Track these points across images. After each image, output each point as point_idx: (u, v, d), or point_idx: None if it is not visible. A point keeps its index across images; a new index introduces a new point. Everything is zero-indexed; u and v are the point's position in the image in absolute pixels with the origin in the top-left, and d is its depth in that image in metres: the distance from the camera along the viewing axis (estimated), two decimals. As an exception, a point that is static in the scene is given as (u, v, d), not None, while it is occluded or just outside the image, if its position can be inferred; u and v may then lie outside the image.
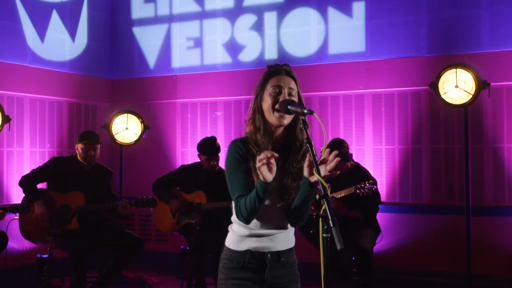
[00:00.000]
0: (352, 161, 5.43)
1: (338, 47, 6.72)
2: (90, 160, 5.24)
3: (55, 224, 4.62)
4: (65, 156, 5.45)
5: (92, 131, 5.47)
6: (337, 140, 5.44)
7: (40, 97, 6.83)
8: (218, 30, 7.30)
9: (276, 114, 2.51)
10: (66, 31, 7.21)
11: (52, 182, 5.22)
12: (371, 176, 5.36)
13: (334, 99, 6.71)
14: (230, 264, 2.59)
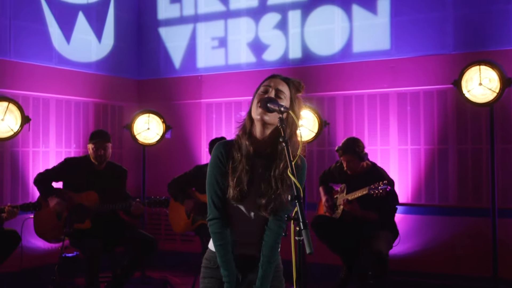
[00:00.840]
0: (368, 161, 5.30)
1: (363, 45, 6.58)
2: (101, 160, 5.25)
3: (66, 224, 4.64)
4: (79, 157, 5.49)
5: (102, 130, 5.49)
6: (352, 139, 5.33)
7: (66, 97, 6.91)
8: (243, 29, 7.26)
9: (258, 110, 2.47)
10: (93, 32, 7.28)
11: (67, 182, 5.27)
12: (388, 176, 5.22)
13: (358, 99, 6.58)
14: (208, 264, 2.63)
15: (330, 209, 5.42)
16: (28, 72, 6.49)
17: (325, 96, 6.74)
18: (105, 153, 5.27)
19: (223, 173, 2.51)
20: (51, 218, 5.06)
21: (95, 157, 5.23)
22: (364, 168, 5.23)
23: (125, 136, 7.23)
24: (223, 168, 2.51)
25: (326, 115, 6.64)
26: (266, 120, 2.47)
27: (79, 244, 4.99)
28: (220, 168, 2.52)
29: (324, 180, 5.70)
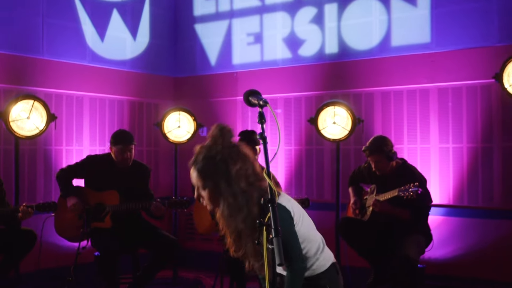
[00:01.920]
0: (398, 159, 5.00)
1: (402, 39, 6.28)
2: (126, 163, 5.15)
3: (85, 222, 4.56)
4: (101, 154, 5.40)
5: (125, 131, 5.36)
6: (379, 138, 5.04)
7: (100, 95, 6.88)
8: (278, 24, 7.06)
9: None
10: (127, 29, 7.23)
11: (88, 180, 5.20)
12: (419, 174, 4.90)
13: (397, 94, 6.28)
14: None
15: (358, 211, 5.15)
16: (61, 70, 6.49)
17: (362, 92, 6.47)
18: (131, 156, 5.16)
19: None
20: (71, 217, 5.00)
21: (121, 160, 5.12)
22: (394, 167, 4.93)
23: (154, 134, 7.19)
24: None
25: (363, 112, 6.38)
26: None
27: (98, 243, 4.91)
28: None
29: (354, 181, 5.43)
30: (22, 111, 5.21)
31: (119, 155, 5.11)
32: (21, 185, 5.97)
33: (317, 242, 2.61)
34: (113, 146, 5.14)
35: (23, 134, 5.19)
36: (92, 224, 4.85)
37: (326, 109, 5.67)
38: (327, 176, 6.63)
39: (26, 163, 6.12)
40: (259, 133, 2.11)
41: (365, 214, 5.10)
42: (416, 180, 4.67)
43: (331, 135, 5.68)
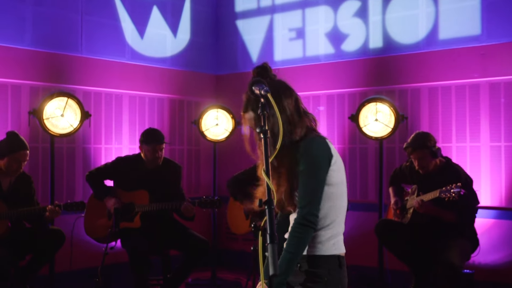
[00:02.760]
0: (442, 157, 4.69)
1: (450, 31, 5.95)
2: (157, 162, 5.04)
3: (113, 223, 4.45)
4: (130, 155, 5.28)
5: (156, 130, 5.24)
6: (421, 133, 4.74)
7: (140, 93, 6.81)
8: (321, 18, 6.83)
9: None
10: (168, 26, 7.14)
11: (118, 181, 5.10)
12: (464, 174, 4.57)
13: (445, 90, 5.96)
14: None
15: (399, 211, 4.87)
16: (100, 68, 6.44)
17: (408, 88, 6.17)
18: (161, 155, 5.05)
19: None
20: (101, 217, 4.91)
21: (152, 159, 5.01)
22: (438, 165, 4.62)
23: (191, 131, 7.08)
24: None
25: (409, 108, 6.08)
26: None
27: (127, 244, 4.80)
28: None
29: (395, 180, 5.14)
30: (57, 108, 5.16)
31: (149, 154, 4.99)
32: (59, 184, 5.95)
33: (338, 215, 2.39)
34: (144, 145, 5.03)
35: (57, 132, 5.14)
36: (121, 224, 4.74)
37: (367, 105, 5.41)
38: (371, 176, 6.36)
39: (65, 161, 6.10)
40: (261, 126, 1.90)
41: (406, 216, 4.81)
42: (461, 180, 4.36)
43: (373, 132, 5.42)
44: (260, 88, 2.01)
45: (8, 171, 4.55)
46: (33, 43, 5.93)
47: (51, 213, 4.55)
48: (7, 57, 5.74)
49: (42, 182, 5.86)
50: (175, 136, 7.05)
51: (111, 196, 4.88)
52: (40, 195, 5.78)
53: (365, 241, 5.98)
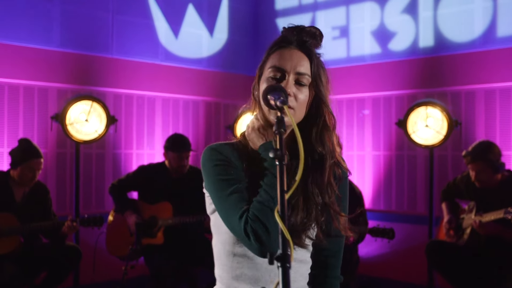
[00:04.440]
0: (505, 171, 4.14)
1: (510, 28, 5.40)
2: (183, 170, 4.67)
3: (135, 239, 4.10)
4: (153, 164, 4.91)
5: (182, 136, 4.87)
6: (485, 143, 4.19)
7: (174, 96, 6.47)
8: (366, 16, 6.34)
9: (266, 109, 1.72)
10: (204, 25, 6.78)
11: (142, 192, 4.73)
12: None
13: (504, 93, 5.40)
14: None
15: (454, 232, 4.34)
16: (132, 69, 6.12)
17: (462, 91, 5.64)
18: (187, 163, 4.69)
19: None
20: (123, 233, 4.55)
21: (177, 167, 4.65)
22: (499, 180, 4.08)
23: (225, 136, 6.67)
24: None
25: (463, 113, 5.55)
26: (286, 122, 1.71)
27: (150, 263, 4.43)
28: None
29: (448, 195, 4.59)
30: (81, 113, 4.84)
31: (174, 162, 4.63)
32: (87, 192, 5.66)
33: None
34: (169, 152, 4.67)
35: (80, 138, 4.81)
36: (143, 241, 4.38)
37: (417, 110, 4.91)
38: (420, 186, 5.85)
39: (94, 168, 5.80)
40: (275, 150, 1.46)
41: (462, 237, 4.27)
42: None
43: (423, 140, 4.91)
44: (276, 98, 1.57)
45: (22, 181, 4.25)
46: (61, 44, 5.65)
47: (68, 229, 4.23)
48: (34, 58, 5.47)
49: (69, 191, 5.57)
50: (210, 140, 6.68)
51: (131, 211, 4.52)
52: (67, 204, 5.50)
53: (412, 256, 5.48)
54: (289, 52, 1.74)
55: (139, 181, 4.69)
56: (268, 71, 1.75)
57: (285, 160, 1.44)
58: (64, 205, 5.53)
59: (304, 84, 1.71)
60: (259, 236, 1.58)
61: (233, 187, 1.68)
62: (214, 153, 1.75)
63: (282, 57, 1.73)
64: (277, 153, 1.43)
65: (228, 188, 1.68)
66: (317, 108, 1.74)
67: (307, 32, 1.78)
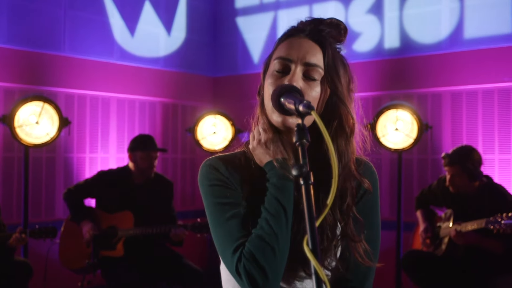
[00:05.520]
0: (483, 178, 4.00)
1: (477, 30, 5.31)
2: (150, 172, 4.37)
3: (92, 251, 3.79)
4: (115, 169, 4.60)
5: (149, 136, 4.60)
6: (466, 148, 4.04)
7: (129, 97, 6.15)
8: (330, 15, 6.10)
9: (273, 110, 1.47)
10: (161, 23, 6.48)
11: (100, 200, 4.41)
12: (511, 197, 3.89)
13: (470, 95, 5.32)
14: None
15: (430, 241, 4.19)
16: (85, 68, 5.78)
17: (428, 93, 5.53)
18: (155, 165, 4.39)
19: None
20: (78, 244, 4.21)
21: (144, 169, 4.34)
22: (476, 188, 3.94)
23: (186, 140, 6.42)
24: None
25: (429, 116, 5.44)
26: (287, 127, 1.47)
27: (110, 276, 4.12)
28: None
29: (423, 202, 4.43)
30: (31, 115, 4.49)
31: (143, 163, 4.33)
32: (37, 199, 5.29)
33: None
34: (137, 152, 4.36)
35: (30, 142, 4.44)
36: (101, 253, 4.06)
37: (386, 113, 4.75)
38: (385, 190, 5.71)
39: (44, 173, 5.43)
40: (299, 167, 1.20)
41: (440, 246, 4.11)
42: (508, 205, 3.69)
43: (393, 143, 4.76)
44: (297, 102, 1.31)
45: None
46: (9, 40, 5.27)
47: (16, 242, 3.87)
48: (-22, 55, 5.08)
49: (17, 198, 5.19)
50: (168, 143, 6.39)
51: (88, 220, 4.19)
52: (15, 212, 5.12)
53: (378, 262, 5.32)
54: (298, 40, 1.50)
55: (98, 188, 4.36)
56: (273, 64, 1.50)
57: (312, 179, 1.19)
58: (11, 213, 5.14)
59: (314, 79, 1.47)
60: (254, 279, 1.35)
61: (230, 212, 1.44)
62: (210, 171, 1.51)
63: (289, 46, 1.49)
64: (302, 170, 1.18)
65: (224, 213, 1.44)
66: (333, 109, 1.50)
67: (327, 23, 1.53)
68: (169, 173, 6.28)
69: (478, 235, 3.80)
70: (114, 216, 4.26)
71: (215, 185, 1.48)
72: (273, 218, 1.38)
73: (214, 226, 1.46)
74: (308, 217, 1.15)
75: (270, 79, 1.48)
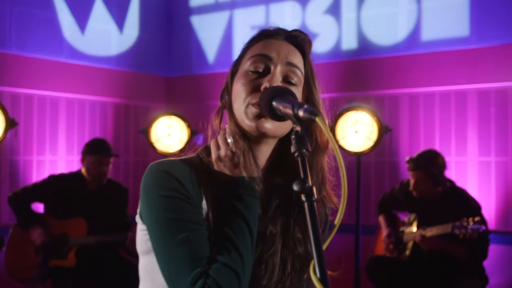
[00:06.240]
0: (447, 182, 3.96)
1: (434, 32, 5.32)
2: (102, 178, 4.16)
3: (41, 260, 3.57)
4: (67, 174, 4.37)
5: (103, 140, 4.39)
6: (431, 153, 3.98)
7: (79, 97, 5.91)
8: (287, 16, 6.09)
9: (252, 110, 1.28)
10: (113, 21, 6.26)
11: (50, 206, 4.17)
12: (474, 201, 3.85)
13: (428, 98, 5.32)
14: None
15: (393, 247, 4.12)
16: (32, 67, 5.52)
17: (385, 95, 5.50)
18: (107, 171, 4.18)
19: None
20: (26, 252, 3.97)
21: (96, 175, 4.13)
22: (440, 192, 3.90)
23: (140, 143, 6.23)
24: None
25: (387, 118, 5.41)
26: (268, 133, 1.30)
27: (60, 287, 3.89)
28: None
29: (385, 207, 4.37)
30: (-26, 115, 4.22)
31: (93, 168, 4.10)
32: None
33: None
34: (88, 157, 4.14)
35: (-28, 144, 4.19)
36: (51, 262, 3.83)
37: (346, 115, 4.66)
38: (344, 193, 5.65)
39: (-13, 176, 5.16)
40: (301, 181, 1.05)
41: (403, 252, 4.05)
42: (472, 210, 3.66)
43: (353, 146, 4.68)
44: (296, 106, 1.13)
45: None
46: (-50, 35, 4.99)
47: (-43, 251, 3.62)
48: None
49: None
50: (119, 145, 6.18)
51: (37, 226, 3.95)
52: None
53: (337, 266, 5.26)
54: (277, 42, 1.36)
55: (48, 192, 4.12)
56: (247, 64, 1.34)
57: (315, 195, 1.05)
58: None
59: (294, 83, 1.33)
60: None
61: (187, 231, 1.23)
62: (164, 178, 1.28)
63: (267, 45, 1.35)
64: (305, 186, 1.04)
65: (179, 232, 1.22)
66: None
67: (297, 31, 1.41)
68: (121, 176, 6.07)
69: (442, 239, 3.75)
70: (65, 223, 4.03)
71: (170, 197, 1.26)
72: (240, 240, 1.22)
73: (164, 248, 1.24)
74: (313, 240, 1.01)
75: (243, 79, 1.32)
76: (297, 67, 1.32)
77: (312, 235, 1.01)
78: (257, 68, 1.31)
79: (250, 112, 1.28)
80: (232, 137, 1.30)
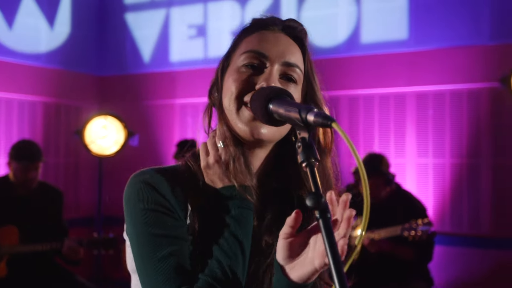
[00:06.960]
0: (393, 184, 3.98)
1: (374, 34, 5.36)
2: (30, 184, 3.91)
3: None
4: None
5: (31, 143, 4.13)
6: (374, 156, 3.99)
7: (7, 96, 5.61)
8: (226, 15, 6.00)
9: (245, 112, 1.18)
10: (43, 16, 5.98)
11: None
12: (419, 203, 3.88)
13: (367, 100, 5.35)
14: None
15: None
16: (-45, 63, 5.19)
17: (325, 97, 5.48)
18: (36, 175, 3.92)
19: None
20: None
21: (24, 181, 3.88)
22: (387, 193, 3.90)
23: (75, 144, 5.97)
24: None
25: (327, 120, 5.40)
26: (263, 138, 1.20)
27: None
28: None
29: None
30: None
31: (20, 174, 3.85)
32: None
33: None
34: (14, 162, 3.88)
35: None
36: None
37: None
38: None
39: None
40: (312, 196, 0.94)
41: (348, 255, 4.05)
42: (417, 211, 3.68)
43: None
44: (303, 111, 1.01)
45: None
46: None
47: None
48: None
49: None
50: (50, 146, 5.89)
51: None
52: None
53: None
54: (274, 34, 1.25)
55: None
56: (240, 59, 1.22)
57: (329, 214, 0.95)
58: None
59: (293, 81, 1.23)
60: None
61: (170, 247, 1.13)
62: (146, 190, 1.18)
63: (263, 39, 1.23)
64: (320, 201, 0.93)
65: (162, 248, 1.13)
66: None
67: (293, 21, 1.29)
68: (50, 179, 5.79)
69: (391, 242, 3.76)
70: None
71: (152, 210, 1.16)
72: (228, 259, 1.12)
73: (145, 264, 1.14)
74: (332, 260, 0.91)
75: (235, 74, 1.21)
76: (296, 66, 1.22)
77: (331, 257, 0.90)
78: (252, 63, 1.20)
79: (243, 114, 1.16)
80: (222, 141, 1.18)
